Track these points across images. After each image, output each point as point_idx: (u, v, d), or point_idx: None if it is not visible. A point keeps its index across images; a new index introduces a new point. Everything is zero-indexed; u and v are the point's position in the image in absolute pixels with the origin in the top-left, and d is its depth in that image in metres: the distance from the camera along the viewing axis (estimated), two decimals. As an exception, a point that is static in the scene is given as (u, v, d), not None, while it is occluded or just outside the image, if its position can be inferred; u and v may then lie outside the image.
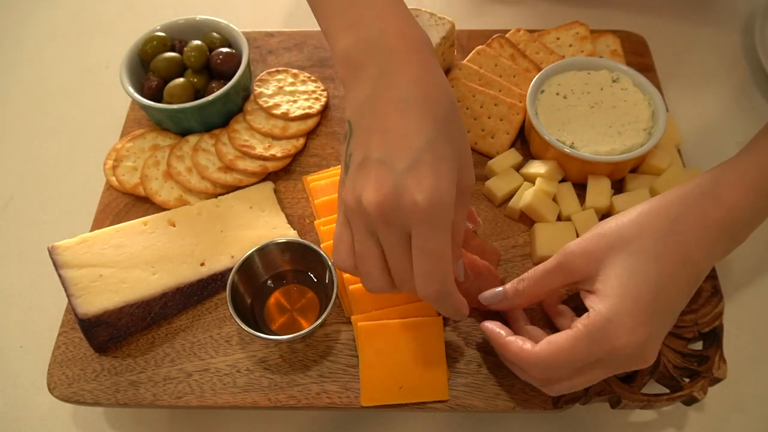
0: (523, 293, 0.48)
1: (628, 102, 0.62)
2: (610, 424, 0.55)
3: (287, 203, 0.63)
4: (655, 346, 0.43)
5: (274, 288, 0.57)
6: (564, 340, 0.42)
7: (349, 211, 0.42)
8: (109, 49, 0.84)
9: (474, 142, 0.66)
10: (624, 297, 0.42)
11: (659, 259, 0.42)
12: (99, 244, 0.57)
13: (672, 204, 0.45)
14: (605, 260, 0.44)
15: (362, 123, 0.43)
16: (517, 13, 0.85)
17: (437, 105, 0.42)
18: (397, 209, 0.40)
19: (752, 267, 0.62)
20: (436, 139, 0.40)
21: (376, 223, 0.41)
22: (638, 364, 0.43)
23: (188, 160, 0.64)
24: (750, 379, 0.56)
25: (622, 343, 0.41)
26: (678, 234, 0.43)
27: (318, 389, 0.52)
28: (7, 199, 0.71)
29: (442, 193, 0.39)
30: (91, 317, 0.53)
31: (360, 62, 0.43)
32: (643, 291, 0.42)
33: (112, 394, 0.53)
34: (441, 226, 0.40)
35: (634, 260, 0.43)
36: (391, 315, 0.53)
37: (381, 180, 0.40)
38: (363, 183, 0.41)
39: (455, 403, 0.51)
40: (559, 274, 0.46)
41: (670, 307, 0.43)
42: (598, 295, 0.43)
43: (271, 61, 0.75)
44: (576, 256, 0.45)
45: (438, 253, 0.41)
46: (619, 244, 0.44)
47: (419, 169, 0.39)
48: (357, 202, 0.41)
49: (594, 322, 0.42)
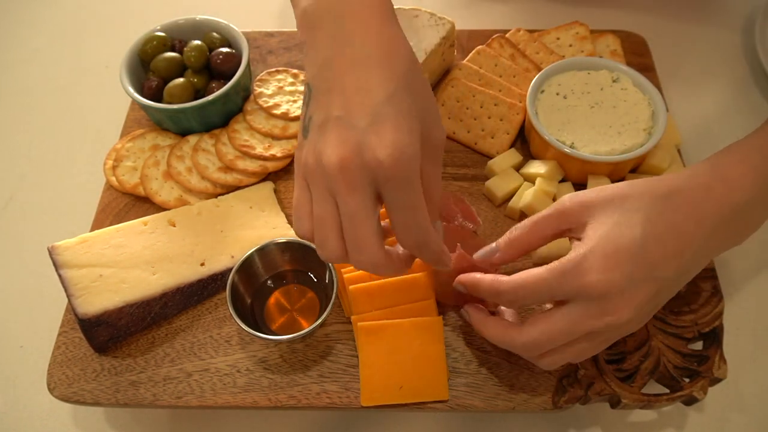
0: (515, 241, 0.48)
1: (628, 102, 0.62)
2: (610, 424, 0.55)
3: (287, 203, 0.64)
4: (628, 301, 0.42)
5: (274, 288, 0.57)
6: (538, 270, 0.43)
7: (309, 172, 0.42)
8: (109, 49, 0.84)
9: (474, 142, 0.66)
10: (604, 241, 0.42)
11: (649, 218, 0.43)
12: (99, 244, 0.57)
13: (676, 177, 0.45)
14: (598, 211, 0.44)
15: (321, 84, 0.42)
16: (517, 13, 0.85)
17: (397, 60, 0.41)
18: (361, 168, 0.39)
19: (752, 267, 0.62)
20: (396, 94, 0.40)
21: (337, 184, 0.40)
22: (612, 317, 0.42)
23: (188, 160, 0.64)
24: (750, 379, 0.56)
25: (592, 280, 0.41)
26: (673, 201, 0.43)
27: (318, 389, 0.52)
28: (7, 199, 0.71)
29: (405, 147, 0.39)
30: (91, 317, 0.53)
31: (318, 21, 0.43)
32: (625, 241, 0.42)
33: (112, 394, 0.53)
34: (409, 180, 0.40)
35: (624, 213, 0.43)
36: (391, 315, 0.53)
37: (342, 138, 0.39)
38: (323, 143, 0.40)
39: (455, 403, 0.51)
40: (554, 221, 0.46)
41: (651, 268, 0.42)
42: (583, 240, 0.44)
43: (271, 61, 0.75)
44: (573, 203, 0.45)
45: (412, 205, 0.41)
46: (615, 200, 0.44)
47: (380, 124, 0.39)
48: (318, 162, 0.40)
49: (569, 258, 0.43)
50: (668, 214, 0.43)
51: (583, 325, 0.43)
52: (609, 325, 0.42)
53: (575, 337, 0.44)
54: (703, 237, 0.43)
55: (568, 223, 0.46)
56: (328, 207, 0.41)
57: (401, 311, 0.53)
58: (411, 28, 0.66)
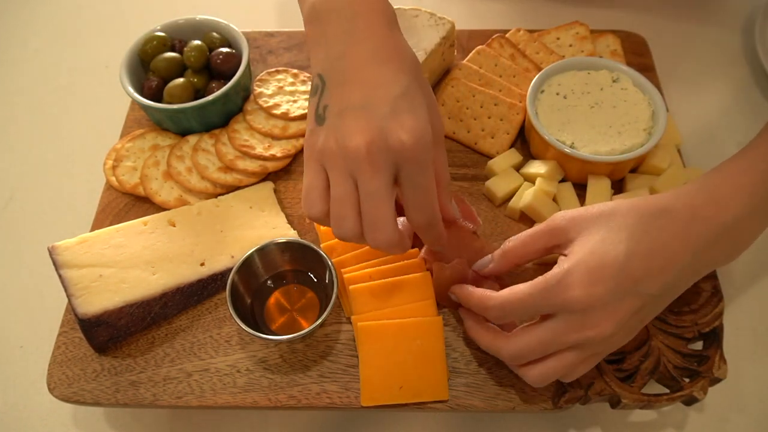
0: (508, 252, 0.50)
1: (628, 102, 0.62)
2: (610, 424, 0.55)
3: (287, 203, 0.64)
4: (611, 315, 0.43)
5: (274, 288, 0.57)
6: (523, 286, 0.45)
7: (329, 156, 0.44)
8: (109, 49, 0.84)
9: (474, 142, 0.66)
10: (589, 256, 0.43)
11: (634, 235, 0.43)
12: (99, 244, 0.57)
13: (663, 197, 0.46)
14: (585, 228, 0.45)
15: (336, 76, 0.45)
16: (517, 13, 0.85)
17: (405, 59, 0.46)
18: (385, 150, 0.42)
19: (752, 267, 0.62)
20: (410, 87, 0.44)
21: (361, 165, 0.43)
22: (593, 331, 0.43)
23: (188, 160, 0.64)
24: (750, 379, 0.56)
25: (575, 295, 0.42)
26: (660, 220, 0.44)
27: (318, 389, 0.52)
28: (7, 199, 0.71)
29: (424, 133, 0.43)
30: (91, 317, 0.53)
31: (328, 17, 0.46)
32: (609, 256, 0.43)
33: (112, 394, 0.53)
34: (427, 163, 0.44)
35: (610, 230, 0.44)
36: (391, 315, 0.53)
37: (366, 125, 0.43)
38: (346, 129, 0.43)
39: (455, 403, 0.51)
40: (545, 236, 0.48)
41: (635, 283, 0.43)
42: (568, 256, 0.45)
43: (271, 61, 0.75)
44: (564, 220, 0.47)
45: (427, 186, 0.45)
46: (602, 217, 0.45)
47: (400, 113, 0.43)
48: (341, 146, 0.43)
49: (554, 273, 0.44)
50: (654, 233, 0.44)
51: (566, 337, 0.44)
52: (590, 338, 0.43)
53: (558, 349, 0.45)
54: (690, 255, 0.44)
55: (557, 239, 0.47)
56: (348, 188, 0.44)
57: (401, 311, 0.53)
58: (411, 28, 0.66)
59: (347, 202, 0.44)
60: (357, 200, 0.44)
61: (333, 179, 0.45)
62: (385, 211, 0.44)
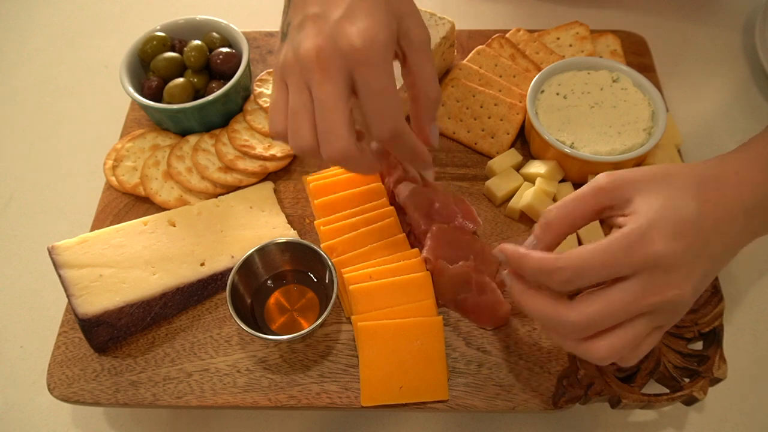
0: (552, 223, 0.43)
1: (628, 102, 0.62)
2: (610, 424, 0.55)
3: (287, 203, 0.64)
4: (689, 275, 0.40)
5: (274, 288, 0.57)
6: (596, 245, 0.39)
7: (287, 67, 0.44)
8: (109, 49, 0.84)
9: (474, 142, 0.66)
10: (664, 211, 0.40)
11: (699, 195, 0.41)
12: (99, 244, 0.57)
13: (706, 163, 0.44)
14: (644, 187, 0.41)
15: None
16: (517, 13, 0.85)
17: None
18: (336, 54, 0.41)
19: (752, 267, 0.62)
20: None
21: (312, 72, 0.42)
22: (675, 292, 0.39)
23: (188, 160, 0.64)
24: (750, 379, 0.56)
25: (659, 249, 0.38)
26: (716, 182, 0.42)
27: (318, 389, 0.52)
28: (7, 199, 0.71)
29: (377, 34, 0.42)
30: (91, 317, 0.53)
31: None
32: (684, 212, 0.40)
33: (112, 394, 0.53)
34: (382, 65, 0.42)
35: (676, 189, 0.41)
36: (391, 315, 0.53)
37: (318, 30, 0.42)
38: (301, 38, 0.43)
39: (455, 403, 0.51)
40: (593, 198, 0.43)
41: (705, 244, 0.40)
42: (635, 214, 0.41)
43: (271, 61, 0.75)
44: (611, 179, 0.42)
45: (384, 91, 0.42)
46: (658, 177, 0.42)
47: (354, 16, 0.42)
48: (296, 55, 0.43)
49: (631, 229, 0.39)
50: (711, 193, 0.42)
51: (645, 299, 0.39)
52: (669, 300, 0.39)
53: (633, 316, 0.40)
54: (743, 216, 0.42)
55: (608, 199, 0.42)
56: (303, 98, 0.43)
57: (401, 311, 0.53)
58: (411, 28, 0.66)
59: (301, 113, 0.43)
60: (311, 110, 0.43)
61: (291, 92, 0.44)
62: (336, 117, 0.42)
